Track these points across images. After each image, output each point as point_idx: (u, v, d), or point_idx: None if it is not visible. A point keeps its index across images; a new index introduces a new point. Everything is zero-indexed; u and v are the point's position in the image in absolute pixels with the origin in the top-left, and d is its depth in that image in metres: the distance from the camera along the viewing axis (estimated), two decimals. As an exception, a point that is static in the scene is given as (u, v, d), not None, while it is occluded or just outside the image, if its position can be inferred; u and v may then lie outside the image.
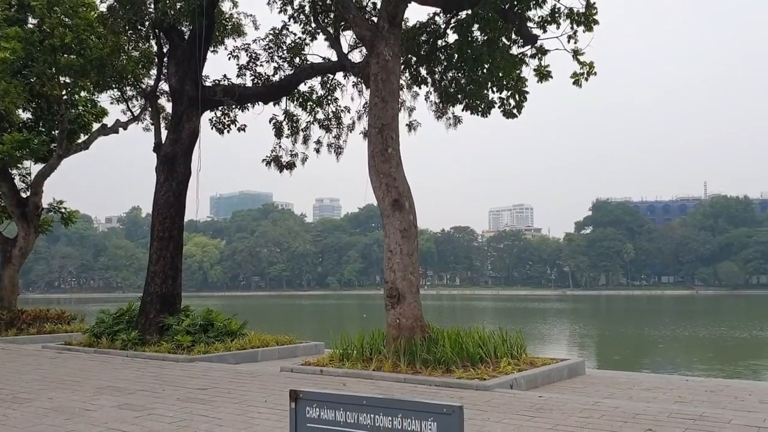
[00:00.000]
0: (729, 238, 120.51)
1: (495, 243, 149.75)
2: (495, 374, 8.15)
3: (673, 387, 8.36)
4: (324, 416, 2.71)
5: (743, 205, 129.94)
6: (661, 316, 49.92)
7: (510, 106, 11.02)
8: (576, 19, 9.77)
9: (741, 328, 35.50)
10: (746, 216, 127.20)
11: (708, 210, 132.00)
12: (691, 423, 5.74)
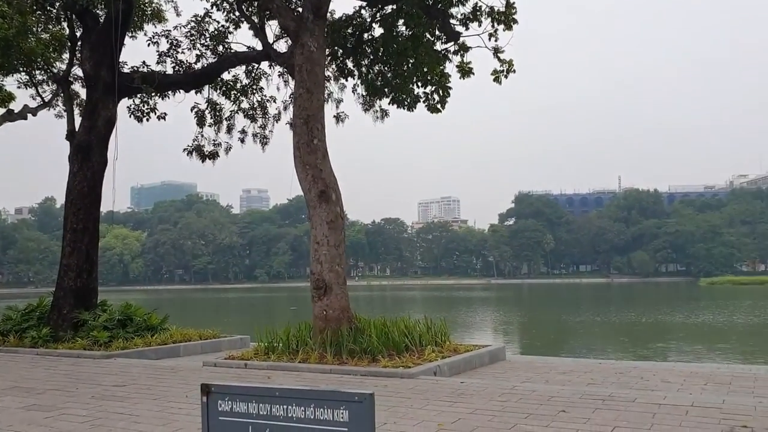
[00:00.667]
0: (641, 229, 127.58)
1: (424, 234, 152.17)
2: (420, 362, 8.32)
3: (586, 370, 8.79)
4: (237, 409, 2.70)
5: (654, 198, 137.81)
6: (579, 303, 52.20)
7: (434, 101, 11.20)
8: (497, 18, 10.04)
9: (650, 313, 37.61)
10: (656, 208, 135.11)
11: (622, 203, 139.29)
12: (600, 403, 6.07)
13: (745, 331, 28.10)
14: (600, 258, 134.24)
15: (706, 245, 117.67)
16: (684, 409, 5.80)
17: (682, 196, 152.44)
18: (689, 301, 50.25)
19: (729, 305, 43.82)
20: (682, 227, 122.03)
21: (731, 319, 33.43)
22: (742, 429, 5.14)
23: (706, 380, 7.86)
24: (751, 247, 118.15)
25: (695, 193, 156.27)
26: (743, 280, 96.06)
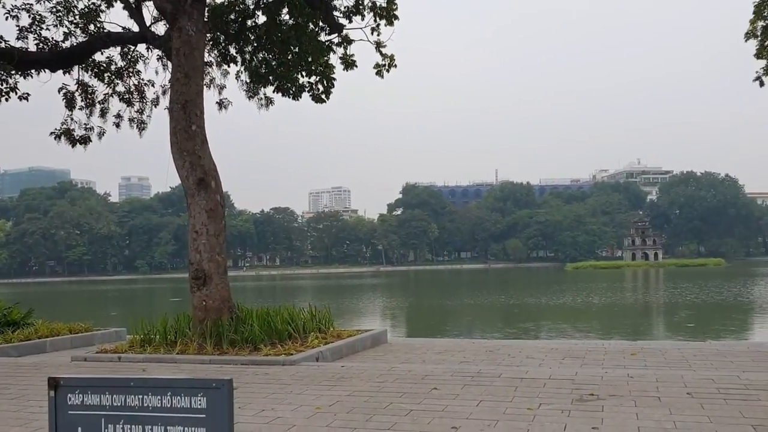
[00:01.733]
0: (515, 219, 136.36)
1: (315, 223, 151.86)
2: (302, 349, 8.43)
3: (460, 349, 9.32)
4: (88, 402, 2.63)
5: (526, 190, 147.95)
6: (459, 287, 54.48)
7: (319, 90, 11.27)
8: (379, 13, 10.26)
9: (521, 296, 40.09)
10: (528, 199, 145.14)
11: (498, 194, 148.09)
12: (469, 379, 6.50)
13: (598, 310, 30.75)
14: (479, 245, 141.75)
15: (572, 233, 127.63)
16: (542, 381, 6.35)
17: (552, 188, 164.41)
18: (555, 284, 54.09)
19: (588, 287, 47.72)
20: (551, 217, 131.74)
21: (589, 299, 36.43)
22: (590, 396, 5.73)
23: (564, 355, 8.61)
24: (610, 235, 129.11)
25: (563, 186, 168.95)
26: (603, 265, 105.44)
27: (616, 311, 30.38)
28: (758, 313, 28.42)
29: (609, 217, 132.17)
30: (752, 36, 11.96)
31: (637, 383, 6.21)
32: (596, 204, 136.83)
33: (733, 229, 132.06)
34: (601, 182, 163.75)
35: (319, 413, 5.39)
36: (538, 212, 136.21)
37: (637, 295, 41.77)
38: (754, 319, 26.44)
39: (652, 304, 34.96)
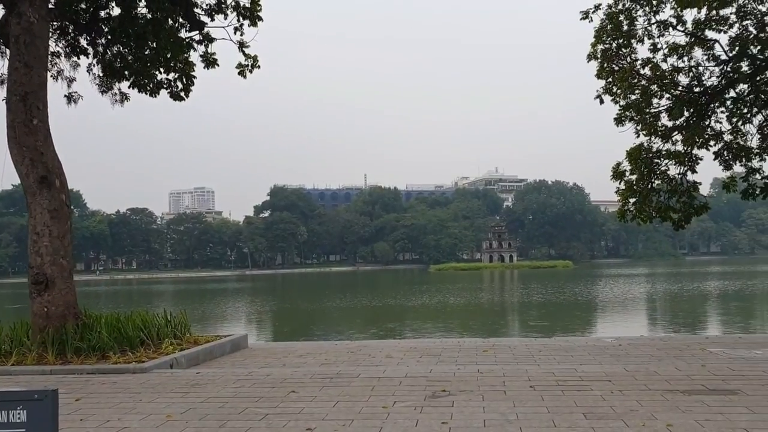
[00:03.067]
0: (383, 222, 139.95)
1: (175, 225, 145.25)
2: (155, 356, 8.05)
3: (322, 351, 9.35)
4: None
5: (394, 195, 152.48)
6: (328, 290, 54.66)
7: (178, 88, 10.79)
8: (242, 13, 10.05)
9: (388, 297, 41.13)
10: (396, 204, 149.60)
11: (367, 198, 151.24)
12: (328, 381, 6.55)
13: (458, 309, 32.30)
14: (348, 248, 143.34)
15: (435, 237, 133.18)
16: (398, 380, 6.55)
17: (417, 193, 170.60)
18: (420, 285, 55.97)
19: (450, 288, 49.92)
20: (416, 221, 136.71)
21: (450, 299, 38.16)
22: (442, 392, 5.99)
23: (421, 354, 8.93)
24: (470, 238, 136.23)
25: (428, 192, 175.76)
26: (463, 267, 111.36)
27: (474, 310, 32.02)
28: (599, 311, 31.24)
29: (469, 222, 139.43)
30: (593, 58, 13.12)
31: (487, 378, 6.58)
32: (458, 209, 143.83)
33: (580, 233, 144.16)
34: (463, 189, 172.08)
35: (170, 422, 5.17)
36: (405, 216, 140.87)
37: (493, 295, 44.28)
38: (595, 316, 29.02)
39: (507, 304, 37.23)
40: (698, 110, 12.88)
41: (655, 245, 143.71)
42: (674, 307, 31.57)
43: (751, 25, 12.52)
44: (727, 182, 13.60)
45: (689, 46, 12.91)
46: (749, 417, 4.83)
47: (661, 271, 75.92)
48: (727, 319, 26.65)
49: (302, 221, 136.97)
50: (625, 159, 13.25)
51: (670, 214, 13.47)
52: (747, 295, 37.25)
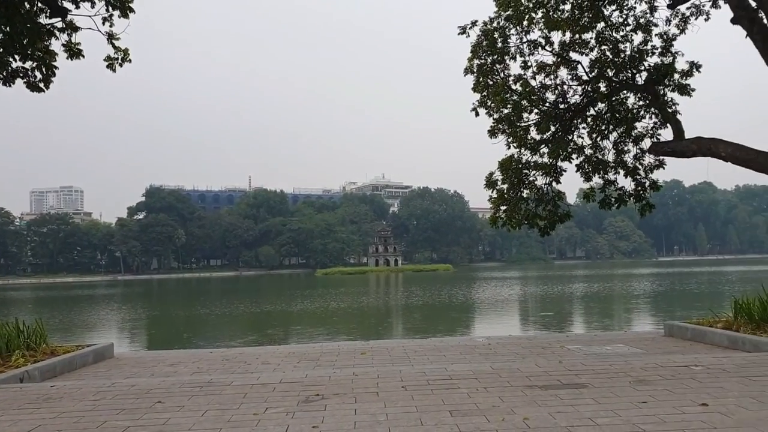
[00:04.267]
0: (268, 226, 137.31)
1: (37, 227, 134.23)
2: (3, 369, 7.38)
3: (195, 360, 9.02)
4: None
5: (280, 198, 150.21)
6: (207, 295, 52.91)
7: (36, 78, 9.97)
8: (112, 3, 9.49)
9: (271, 302, 40.56)
10: (282, 207, 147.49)
11: (252, 201, 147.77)
12: (198, 390, 6.32)
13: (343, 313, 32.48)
14: (230, 252, 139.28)
15: (322, 241, 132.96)
16: (273, 386, 6.46)
17: (305, 197, 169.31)
18: (306, 290, 55.68)
19: (336, 292, 50.08)
20: (303, 225, 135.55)
21: (335, 304, 38.32)
22: (315, 397, 5.98)
23: (299, 359, 8.87)
24: (357, 243, 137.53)
25: (315, 195, 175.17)
26: (350, 271, 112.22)
27: (356, 314, 32.29)
28: (475, 312, 32.61)
29: (356, 226, 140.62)
30: (470, 72, 13.72)
31: (361, 381, 6.66)
32: (345, 214, 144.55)
33: (460, 238, 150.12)
34: (350, 194, 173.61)
35: (18, 441, 4.77)
36: (291, 220, 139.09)
37: (377, 299, 44.92)
38: (471, 317, 30.26)
39: (390, 306, 37.90)
40: (563, 125, 13.82)
41: (528, 250, 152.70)
42: (542, 308, 33.64)
43: (608, 50, 13.65)
44: (587, 192, 14.71)
45: (556, 65, 13.84)
46: (594, 407, 5.24)
47: (532, 274, 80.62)
48: (587, 317, 28.80)
49: (180, 224, 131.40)
50: (498, 169, 13.96)
51: (537, 221, 14.34)
52: (605, 296, 40.47)
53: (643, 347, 9.44)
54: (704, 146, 11.59)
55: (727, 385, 5.96)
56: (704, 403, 5.26)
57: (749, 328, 9.06)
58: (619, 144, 14.07)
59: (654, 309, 30.89)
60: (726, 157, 11.16)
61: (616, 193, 14.13)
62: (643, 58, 13.46)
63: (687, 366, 6.96)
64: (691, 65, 13.32)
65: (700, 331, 9.81)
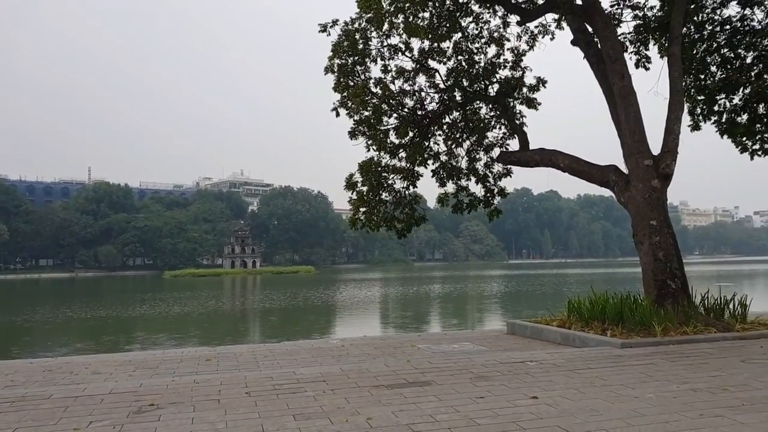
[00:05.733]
0: (110, 223, 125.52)
1: None
2: None
3: (10, 372, 8.09)
4: None
5: (124, 193, 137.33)
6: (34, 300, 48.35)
7: None
8: None
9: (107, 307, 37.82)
10: (126, 203, 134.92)
11: (91, 195, 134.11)
12: (8, 405, 5.66)
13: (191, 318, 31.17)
14: (64, 251, 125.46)
15: (172, 240, 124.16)
16: (101, 397, 5.94)
17: (153, 192, 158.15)
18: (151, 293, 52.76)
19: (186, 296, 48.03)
20: (150, 222, 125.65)
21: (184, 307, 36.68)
22: (149, 407, 5.57)
23: (136, 367, 8.28)
24: (211, 243, 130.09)
25: (165, 191, 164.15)
26: (202, 273, 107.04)
27: (205, 318, 31.08)
28: (334, 314, 32.70)
29: (211, 225, 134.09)
30: (330, 71, 13.67)
31: (202, 388, 6.32)
32: (199, 212, 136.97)
33: (323, 240, 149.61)
34: (205, 190, 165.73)
35: None
36: (137, 217, 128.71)
37: (232, 302, 43.61)
38: (329, 319, 30.29)
39: (245, 310, 36.95)
40: (421, 131, 14.21)
41: (390, 252, 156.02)
42: (400, 308, 34.52)
43: (464, 61, 14.25)
44: (442, 197, 15.23)
45: (415, 71, 14.21)
46: (436, 404, 5.36)
47: (392, 276, 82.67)
48: (440, 317, 29.97)
49: (3, 219, 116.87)
50: (358, 171, 14.06)
51: (395, 224, 14.62)
52: (458, 297, 42.40)
53: (486, 345, 9.90)
54: (546, 157, 12.44)
55: (556, 378, 6.37)
56: (535, 396, 5.57)
57: (579, 326, 9.82)
58: (472, 152, 14.72)
59: (502, 308, 32.83)
60: (564, 168, 12.06)
61: (468, 198, 14.76)
62: (495, 70, 14.20)
63: (523, 362, 7.37)
64: (538, 80, 14.26)
65: (537, 329, 10.48)
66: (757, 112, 14.23)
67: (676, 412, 4.93)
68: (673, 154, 10.56)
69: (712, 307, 9.95)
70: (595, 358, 7.52)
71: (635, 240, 10.53)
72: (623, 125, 10.87)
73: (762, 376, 6.21)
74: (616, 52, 11.09)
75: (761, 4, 13.67)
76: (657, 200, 10.31)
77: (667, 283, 9.90)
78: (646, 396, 5.49)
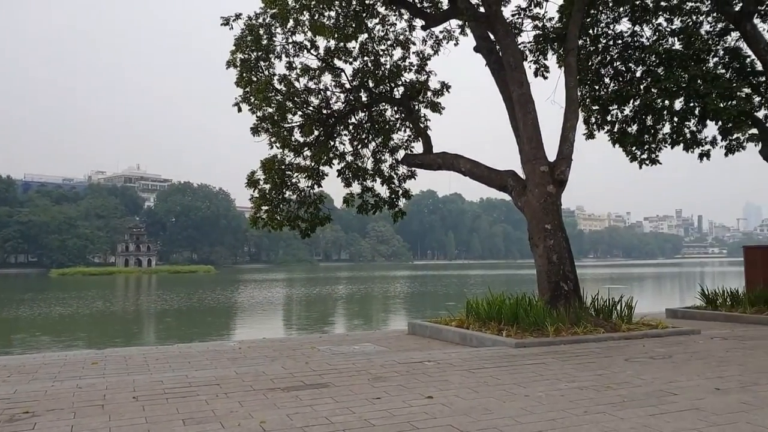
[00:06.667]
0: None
1: None
2: None
3: None
4: None
5: (6, 185, 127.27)
6: None
7: None
8: None
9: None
10: (8, 195, 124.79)
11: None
12: None
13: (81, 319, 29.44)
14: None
15: (60, 236, 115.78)
16: (-34, 406, 5.41)
17: (40, 185, 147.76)
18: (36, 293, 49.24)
19: (75, 296, 45.27)
20: (36, 217, 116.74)
21: (73, 308, 34.53)
22: (23, 414, 5.14)
23: (11, 372, 7.66)
24: (104, 240, 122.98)
25: (54, 184, 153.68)
26: (93, 271, 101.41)
27: (92, 320, 29.42)
28: (233, 315, 31.87)
29: (104, 222, 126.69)
30: (233, 66, 13.29)
31: (85, 393, 5.93)
32: (90, 207, 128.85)
33: (224, 238, 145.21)
34: (98, 184, 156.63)
35: None
36: (21, 211, 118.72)
37: (126, 302, 41.55)
38: (228, 321, 29.48)
39: (141, 311, 35.29)
40: (326, 130, 14.13)
41: (294, 252, 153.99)
42: (303, 309, 34.20)
43: (370, 62, 14.32)
44: (347, 198, 15.22)
45: (320, 70, 14.11)
46: (332, 406, 5.29)
47: (297, 276, 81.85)
48: (344, 318, 29.96)
49: None
50: (260, 168, 13.77)
51: (298, 223, 14.45)
52: (363, 297, 42.61)
53: (387, 345, 9.95)
54: (448, 161, 12.71)
55: (452, 378, 6.48)
56: (430, 396, 5.62)
57: (477, 326, 10.08)
58: (377, 153, 14.82)
59: (405, 309, 33.31)
60: (465, 172, 12.37)
61: (373, 199, 14.85)
62: (400, 73, 14.37)
63: (421, 362, 7.45)
64: (442, 85, 14.57)
65: (437, 329, 10.66)
66: (646, 123, 15.26)
67: (562, 409, 5.13)
68: (567, 161, 11.08)
69: (601, 308, 10.50)
70: (490, 358, 7.73)
71: (531, 243, 10.96)
72: (521, 132, 11.29)
73: (642, 374, 6.60)
74: (516, 60, 11.51)
75: (649, 21, 14.68)
76: (552, 205, 10.78)
77: (560, 285, 10.36)
78: (536, 394, 5.69)
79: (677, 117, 15.05)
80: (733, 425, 4.62)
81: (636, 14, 14.52)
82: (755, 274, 13.67)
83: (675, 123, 15.20)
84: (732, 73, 14.76)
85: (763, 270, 13.58)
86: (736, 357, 7.74)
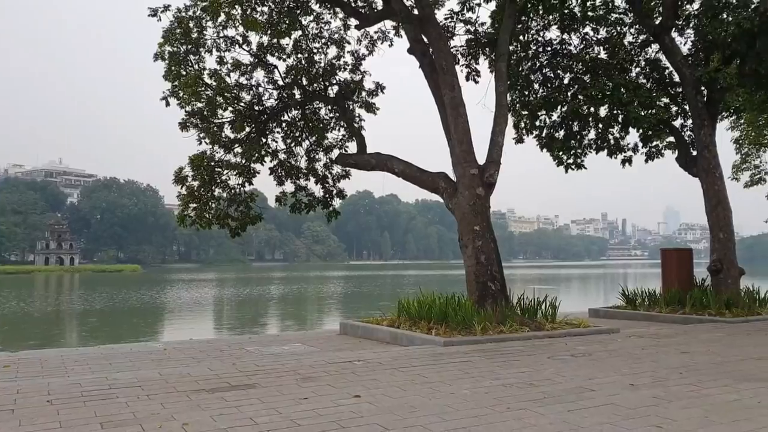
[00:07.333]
0: None
1: None
2: None
3: None
4: None
5: None
6: None
7: None
8: None
9: None
10: None
11: None
12: None
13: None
14: None
15: None
16: None
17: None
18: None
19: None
20: None
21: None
22: None
23: None
24: (21, 237, 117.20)
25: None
26: (9, 270, 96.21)
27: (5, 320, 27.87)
28: (159, 316, 30.89)
29: (22, 218, 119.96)
30: (161, 58, 12.86)
31: (-9, 398, 5.60)
32: (7, 202, 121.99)
33: (152, 237, 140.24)
34: (15, 179, 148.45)
35: None
36: None
37: (45, 302, 39.56)
38: (154, 322, 28.56)
39: (61, 311, 33.68)
40: (258, 127, 13.89)
41: (226, 251, 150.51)
42: (233, 310, 33.54)
43: (304, 59, 14.20)
44: (279, 197, 15.01)
45: (253, 66, 13.87)
46: (258, 407, 5.21)
47: (228, 277, 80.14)
48: (275, 319, 29.60)
49: None
50: (188, 165, 13.39)
51: (228, 222, 14.15)
52: (296, 298, 42.22)
53: (318, 346, 9.88)
54: (382, 161, 12.77)
55: (380, 377, 6.50)
56: (357, 395, 5.62)
57: (408, 325, 10.16)
58: (311, 152, 14.70)
59: (338, 309, 33.24)
60: (398, 173, 12.46)
61: (307, 198, 14.71)
62: (335, 72, 14.32)
63: (350, 362, 7.45)
64: (377, 85, 14.60)
65: (368, 328, 10.69)
66: (572, 129, 15.81)
67: (486, 406, 5.24)
68: (496, 164, 11.33)
69: (527, 307, 10.80)
70: (418, 357, 7.81)
71: (461, 244, 11.15)
72: (452, 135, 11.47)
73: (563, 371, 6.83)
74: (448, 63, 11.68)
75: (577, 30, 15.22)
76: (481, 207, 11.00)
77: (488, 285, 10.59)
78: (461, 392, 5.79)
79: (602, 123, 15.69)
80: (645, 418, 4.85)
81: (565, 23, 15.03)
82: (671, 275, 14.40)
83: (600, 129, 15.84)
84: (652, 83, 15.52)
85: (677, 271, 14.31)
86: (650, 354, 8.12)
